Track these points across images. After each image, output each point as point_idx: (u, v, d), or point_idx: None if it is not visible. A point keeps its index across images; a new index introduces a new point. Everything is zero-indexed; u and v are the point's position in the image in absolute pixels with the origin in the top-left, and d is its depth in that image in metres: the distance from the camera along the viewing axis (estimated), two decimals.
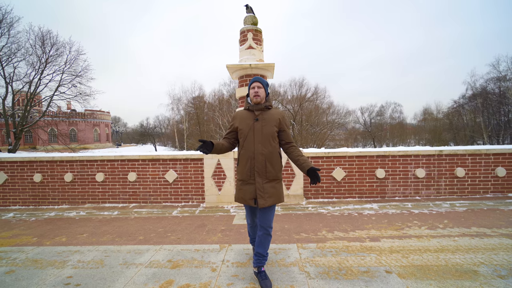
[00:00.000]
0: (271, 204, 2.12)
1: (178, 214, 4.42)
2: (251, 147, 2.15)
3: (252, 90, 2.24)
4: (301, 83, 35.97)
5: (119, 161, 5.15)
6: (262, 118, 2.20)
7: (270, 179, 2.16)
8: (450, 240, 2.94)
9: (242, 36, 5.09)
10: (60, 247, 3.14)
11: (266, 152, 2.14)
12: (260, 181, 2.14)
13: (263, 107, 2.23)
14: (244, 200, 2.20)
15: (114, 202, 5.17)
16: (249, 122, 2.21)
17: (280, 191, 2.21)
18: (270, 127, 2.18)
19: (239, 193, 2.25)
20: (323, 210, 4.35)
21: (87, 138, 46.47)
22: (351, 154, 4.92)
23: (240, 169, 2.23)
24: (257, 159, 2.13)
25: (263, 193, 2.12)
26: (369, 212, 4.17)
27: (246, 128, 2.19)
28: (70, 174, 5.17)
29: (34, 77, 21.95)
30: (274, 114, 2.24)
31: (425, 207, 4.35)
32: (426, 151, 4.86)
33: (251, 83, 2.26)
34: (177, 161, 5.08)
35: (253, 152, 2.14)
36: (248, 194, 2.17)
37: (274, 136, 2.19)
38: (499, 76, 29.76)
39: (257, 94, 2.21)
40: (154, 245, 3.11)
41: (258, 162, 2.13)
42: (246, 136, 2.18)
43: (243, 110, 2.32)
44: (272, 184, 2.17)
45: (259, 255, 2.22)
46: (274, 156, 2.18)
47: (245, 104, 2.33)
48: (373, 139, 44.14)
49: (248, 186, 2.18)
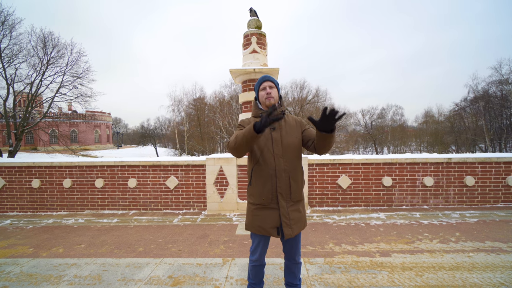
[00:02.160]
0: (298, 232, 1.76)
1: (179, 223, 4.30)
2: (271, 162, 1.72)
3: (262, 91, 1.81)
4: (302, 85, 35.95)
5: (119, 167, 5.03)
6: (280, 127, 1.78)
7: (294, 201, 1.78)
8: (464, 256, 2.80)
9: (246, 40, 4.99)
10: (56, 259, 3.01)
11: (290, 168, 1.74)
12: (284, 205, 1.73)
13: (280, 112, 1.82)
14: (263, 229, 1.75)
15: (114, 209, 5.04)
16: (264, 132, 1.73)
17: (304, 214, 1.85)
18: (292, 137, 1.78)
19: (254, 220, 1.78)
20: (329, 220, 4.21)
21: (88, 139, 46.43)
22: (357, 161, 4.79)
23: (256, 190, 1.77)
24: (279, 177, 1.72)
25: (289, 219, 1.73)
26: (377, 223, 4.03)
27: (263, 140, 1.76)
28: (69, 180, 5.06)
29: (36, 78, 21.95)
30: (291, 121, 1.85)
31: (434, 217, 4.21)
32: (434, 159, 4.73)
33: (260, 82, 1.84)
34: (179, 167, 4.96)
35: (274, 169, 1.72)
36: (270, 222, 1.74)
37: (298, 148, 1.79)
38: (501, 79, 29.63)
39: (270, 95, 1.78)
40: (154, 258, 2.98)
41: (282, 181, 1.72)
42: (262, 150, 1.74)
43: (252, 118, 1.86)
44: (296, 207, 1.79)
45: (291, 285, 1.94)
46: (299, 172, 1.80)
47: (254, 110, 1.88)
48: (374, 142, 43.95)
49: (268, 212, 1.74)
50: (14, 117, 22.26)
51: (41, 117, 23.83)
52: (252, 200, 1.81)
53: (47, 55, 22.14)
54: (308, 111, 35.04)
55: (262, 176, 1.75)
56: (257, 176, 1.78)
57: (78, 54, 23.73)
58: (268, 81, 1.82)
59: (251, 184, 1.82)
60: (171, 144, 44.90)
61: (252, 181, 1.81)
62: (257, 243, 1.83)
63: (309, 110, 35.30)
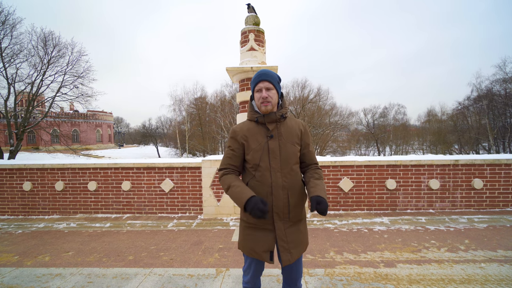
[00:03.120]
0: (298, 257, 1.50)
1: (174, 228, 4.12)
2: (267, 178, 1.47)
3: (258, 93, 1.52)
4: (304, 84, 35.66)
5: (113, 169, 4.86)
6: (278, 134, 1.52)
7: (294, 221, 1.51)
8: (476, 267, 2.60)
9: (243, 37, 4.80)
10: (41, 269, 2.84)
11: (289, 184, 1.48)
12: (281, 226, 1.47)
13: (278, 117, 1.52)
14: (254, 252, 1.49)
15: (107, 213, 4.88)
16: (260, 140, 1.50)
17: (306, 234, 1.58)
18: (291, 145, 1.52)
19: (246, 240, 1.54)
20: (330, 225, 4.02)
21: (89, 139, 46.46)
22: (359, 163, 4.59)
23: None
24: (276, 195, 1.46)
25: (287, 243, 1.46)
26: (380, 228, 3.83)
27: (258, 149, 1.49)
28: (61, 183, 4.90)
29: (36, 78, 21.90)
30: (293, 125, 1.57)
31: (440, 222, 4.01)
32: (440, 161, 4.52)
33: (256, 82, 1.52)
34: (174, 169, 4.78)
35: (270, 186, 1.46)
36: (262, 245, 1.48)
37: (297, 158, 1.56)
38: (505, 78, 29.19)
39: (266, 100, 1.49)
40: (143, 267, 2.81)
41: (279, 200, 1.46)
42: (258, 165, 1.49)
43: (247, 122, 1.59)
44: (296, 227, 1.52)
45: None
46: (299, 186, 1.53)
47: (250, 113, 1.59)
48: (376, 141, 43.61)
49: (262, 233, 1.49)
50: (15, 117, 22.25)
51: (42, 117, 23.82)
52: (245, 217, 1.54)
53: (48, 55, 22.07)
54: (310, 111, 34.80)
55: (258, 193, 1.48)
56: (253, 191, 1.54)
57: (79, 53, 23.65)
58: (264, 81, 1.50)
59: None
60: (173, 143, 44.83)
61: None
62: (249, 264, 1.59)
63: (310, 110, 35.05)
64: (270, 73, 1.52)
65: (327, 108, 37.24)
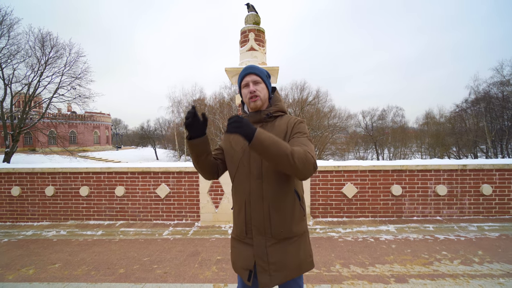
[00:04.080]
0: (281, 282, 1.24)
1: (169, 236, 3.91)
2: (245, 185, 1.28)
3: (245, 89, 1.34)
4: (303, 87, 35.60)
5: (106, 174, 4.64)
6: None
7: (279, 238, 1.25)
8: (494, 283, 2.41)
9: (243, 36, 4.62)
10: (23, 284, 2.62)
11: (271, 194, 1.24)
12: (262, 242, 1.25)
13: (263, 116, 1.32)
14: (236, 267, 1.34)
15: (100, 219, 4.65)
16: (242, 142, 1.30)
17: (298, 256, 1.28)
18: None
19: (231, 253, 1.41)
20: (334, 234, 3.82)
21: (86, 140, 46.05)
22: (363, 168, 4.41)
23: (234, 217, 1.39)
24: (254, 206, 1.25)
25: (267, 263, 1.23)
26: (387, 237, 3.64)
27: (239, 152, 1.31)
28: (51, 188, 4.67)
29: (33, 79, 21.64)
30: (281, 125, 1.31)
31: (449, 230, 3.82)
32: (447, 165, 4.34)
33: (242, 76, 1.36)
34: (170, 174, 4.57)
35: (249, 195, 1.27)
36: (242, 260, 1.30)
37: None
38: (502, 81, 29.29)
39: (254, 94, 1.31)
40: (134, 283, 2.59)
41: (256, 211, 1.25)
42: (237, 166, 1.31)
43: None
44: (283, 247, 1.25)
45: None
46: (286, 199, 1.27)
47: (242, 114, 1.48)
48: (375, 143, 43.59)
49: (242, 247, 1.31)
50: (11, 118, 21.93)
51: (38, 118, 23.51)
52: (233, 227, 1.41)
53: (45, 55, 21.83)
54: (309, 113, 34.69)
55: (237, 202, 1.34)
56: (234, 199, 1.38)
57: (77, 54, 23.44)
58: (251, 75, 1.33)
59: (233, 208, 1.42)
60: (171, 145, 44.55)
61: (233, 204, 1.41)
62: (239, 280, 1.40)
63: (309, 112, 34.95)
64: (257, 67, 1.36)
65: (326, 110, 37.21)
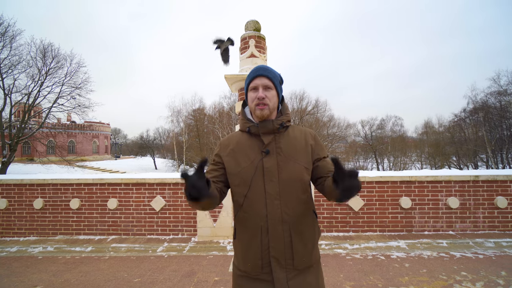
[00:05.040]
0: None
1: (163, 253, 3.63)
2: (261, 208, 1.07)
3: (253, 93, 1.14)
4: (302, 96, 35.78)
5: (98, 185, 4.40)
6: (277, 148, 1.12)
7: (300, 269, 1.08)
8: None
9: (243, 43, 4.50)
10: None
11: (292, 217, 1.07)
12: (283, 276, 1.05)
13: (276, 126, 1.13)
14: None
15: (91, 234, 4.37)
16: (252, 156, 1.11)
17: (322, 284, 1.14)
18: (296, 164, 1.11)
19: None
20: (341, 250, 3.55)
21: (85, 150, 45.74)
22: (370, 179, 4.18)
23: (240, 249, 1.13)
24: (273, 232, 1.06)
25: None
26: (398, 255, 3.37)
27: (249, 169, 1.10)
28: (40, 200, 4.41)
29: (33, 89, 21.66)
30: (298, 137, 1.17)
31: (465, 247, 3.56)
32: (459, 176, 4.12)
33: (251, 78, 1.15)
34: (166, 185, 4.33)
35: (265, 219, 1.06)
36: None
37: (305, 182, 1.12)
38: (500, 90, 29.51)
39: (262, 102, 1.11)
40: None
41: (277, 239, 1.06)
42: (249, 186, 1.09)
43: (238, 134, 1.21)
44: (303, 278, 1.08)
45: None
46: (307, 221, 1.12)
47: (241, 121, 1.22)
48: (375, 153, 43.41)
49: (258, 286, 1.08)
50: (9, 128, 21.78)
51: (37, 128, 23.37)
52: (237, 262, 1.16)
53: (46, 66, 21.95)
54: (308, 122, 34.67)
55: (248, 229, 1.09)
56: (241, 227, 1.12)
57: (78, 64, 23.62)
58: (262, 77, 1.12)
59: (235, 237, 1.16)
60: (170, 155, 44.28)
61: (236, 234, 1.15)
62: None
63: (308, 121, 34.95)
64: (270, 69, 1.16)
65: (325, 119, 37.25)
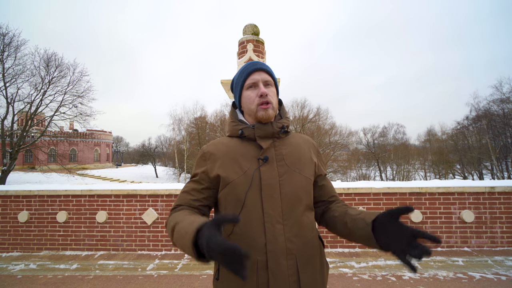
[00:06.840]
0: None
1: (153, 272, 3.33)
2: (257, 234, 0.82)
3: (251, 91, 0.94)
4: (303, 104, 35.74)
5: (87, 197, 4.15)
6: (277, 156, 0.92)
7: None
8: None
9: (241, 47, 4.32)
10: None
11: (298, 246, 0.85)
12: None
13: (276, 129, 0.94)
14: None
15: (78, 249, 4.09)
16: (245, 165, 0.88)
17: None
18: (302, 176, 0.91)
19: None
20: (347, 270, 3.24)
21: (87, 158, 45.68)
22: (376, 190, 3.90)
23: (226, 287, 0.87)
24: (275, 269, 0.80)
25: None
26: (411, 275, 3.05)
27: (241, 181, 0.86)
28: (25, 213, 4.16)
29: (36, 97, 21.77)
30: (301, 144, 0.99)
31: (484, 266, 3.23)
32: (472, 187, 3.83)
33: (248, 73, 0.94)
34: (158, 197, 4.07)
35: (264, 250, 0.81)
36: None
37: (310, 199, 0.93)
38: (502, 98, 29.33)
39: (266, 99, 0.91)
40: None
41: (280, 278, 0.80)
42: (242, 204, 0.84)
43: (226, 140, 0.98)
44: None
45: None
46: (314, 250, 0.89)
47: (230, 124, 0.99)
48: (377, 161, 42.94)
49: None
50: (11, 136, 21.77)
51: (38, 137, 23.35)
52: None
53: (50, 75, 22.11)
54: (309, 130, 34.46)
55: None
56: None
57: (80, 73, 23.79)
58: (261, 72, 0.93)
59: (218, 277, 0.87)
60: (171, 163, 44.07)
61: (220, 271, 0.87)
62: None
63: (310, 129, 34.75)
64: (267, 66, 0.97)
65: (327, 127, 37.06)
